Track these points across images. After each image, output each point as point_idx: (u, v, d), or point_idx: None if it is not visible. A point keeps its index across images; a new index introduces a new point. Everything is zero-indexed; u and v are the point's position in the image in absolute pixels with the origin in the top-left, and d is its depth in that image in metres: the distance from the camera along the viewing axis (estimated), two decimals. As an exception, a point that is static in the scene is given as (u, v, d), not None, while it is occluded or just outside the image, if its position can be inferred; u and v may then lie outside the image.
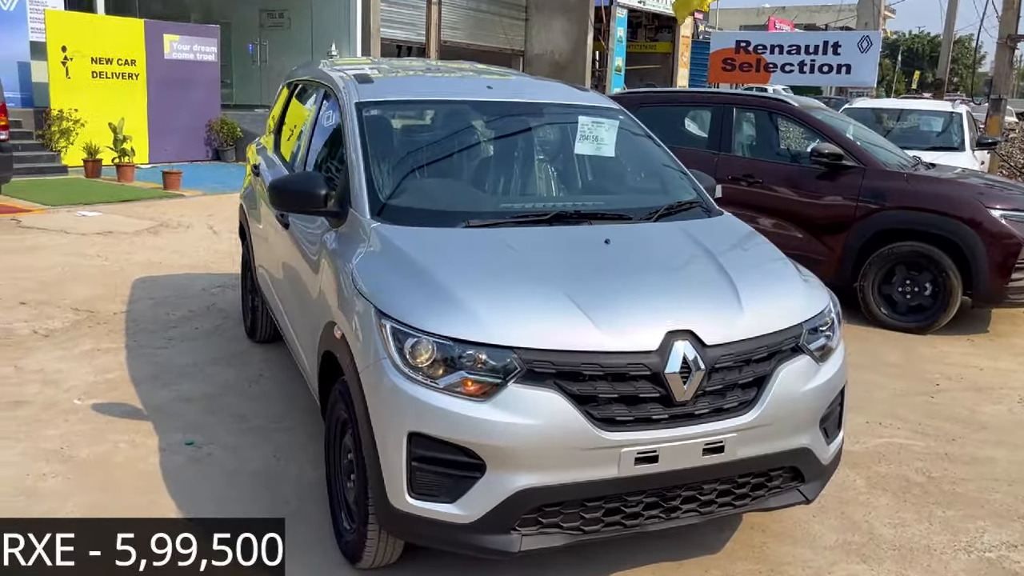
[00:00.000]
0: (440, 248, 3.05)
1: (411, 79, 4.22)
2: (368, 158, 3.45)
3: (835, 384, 3.11)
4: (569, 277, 2.90)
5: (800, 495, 3.06)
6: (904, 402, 5.02)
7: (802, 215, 6.79)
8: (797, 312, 3.03)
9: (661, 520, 2.83)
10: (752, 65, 16.02)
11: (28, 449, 3.89)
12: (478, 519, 2.62)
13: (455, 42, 25.65)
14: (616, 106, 4.21)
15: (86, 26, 13.68)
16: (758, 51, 15.97)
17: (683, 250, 3.26)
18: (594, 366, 2.63)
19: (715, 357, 2.76)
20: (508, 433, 2.58)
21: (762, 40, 16.50)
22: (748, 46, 16.14)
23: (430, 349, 2.62)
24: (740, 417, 2.82)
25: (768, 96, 7.52)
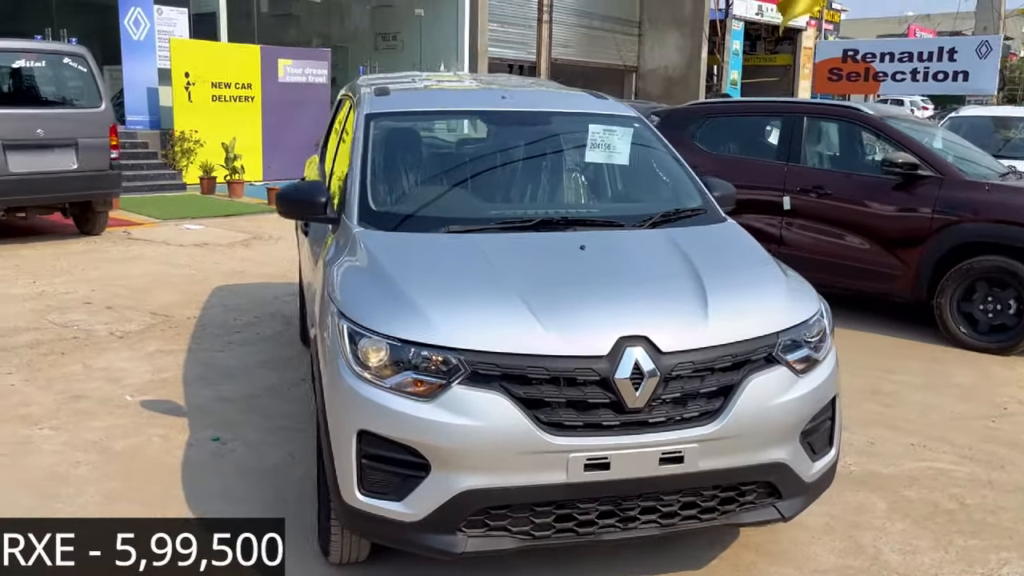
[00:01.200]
0: (412, 253, 3.13)
1: (431, 92, 4.33)
2: (366, 167, 3.57)
3: (819, 397, 2.97)
4: (531, 282, 2.91)
5: (776, 512, 2.93)
6: (960, 425, 4.71)
7: (875, 228, 6.47)
8: (772, 322, 2.91)
9: (618, 530, 2.78)
10: (860, 75, 15.33)
11: (72, 439, 4.20)
12: (423, 518, 2.66)
13: (566, 60, 25.81)
14: (633, 114, 4.17)
15: (207, 53, 14.61)
16: (867, 59, 15.27)
17: (661, 257, 3.20)
18: (540, 369, 2.63)
19: (671, 365, 2.70)
20: (450, 433, 2.61)
21: (871, 48, 15.75)
22: (856, 55, 15.46)
23: (380, 349, 2.69)
24: (702, 428, 2.74)
25: (839, 104, 7.23)
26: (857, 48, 15.82)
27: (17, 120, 8.39)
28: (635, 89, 28.68)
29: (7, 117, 8.35)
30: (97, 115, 8.94)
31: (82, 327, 6.03)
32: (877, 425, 4.66)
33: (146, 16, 14.57)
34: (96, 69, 9.02)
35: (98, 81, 8.99)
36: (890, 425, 4.67)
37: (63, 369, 5.18)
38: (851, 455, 4.25)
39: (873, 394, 5.17)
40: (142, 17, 14.53)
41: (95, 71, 8.99)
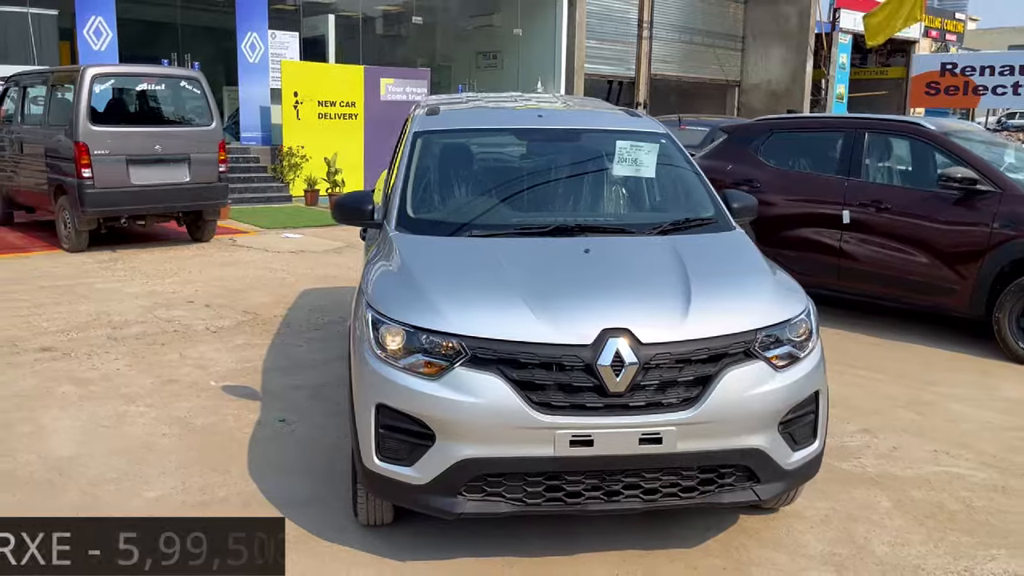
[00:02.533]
0: (435, 253, 3.57)
1: (475, 111, 4.76)
2: (408, 178, 4.05)
3: (797, 391, 3.22)
4: (533, 279, 3.29)
5: (754, 494, 3.20)
6: (991, 436, 4.78)
7: (933, 242, 6.51)
8: (751, 320, 3.19)
9: (602, 502, 3.11)
10: (959, 88, 14.90)
11: (161, 415, 4.82)
12: (429, 481, 3.07)
13: (665, 75, 25.95)
14: (661, 130, 4.49)
15: (315, 73, 15.58)
16: (966, 73, 14.83)
17: (657, 261, 3.51)
18: (531, 355, 3.00)
19: (650, 355, 3.03)
20: (452, 408, 3.01)
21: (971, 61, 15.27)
22: (955, 68, 15.03)
23: (396, 334, 3.13)
24: (680, 413, 3.05)
25: (900, 119, 7.25)
26: (956, 61, 15.39)
27: (139, 137, 9.34)
28: (737, 104, 28.49)
29: (131, 135, 9.32)
30: (208, 132, 9.82)
31: (182, 322, 6.75)
32: (905, 432, 4.79)
33: (261, 40, 15.67)
34: (208, 91, 9.92)
35: (210, 102, 9.88)
36: (918, 432, 4.79)
37: (162, 357, 5.86)
38: (870, 457, 4.43)
39: (910, 404, 5.27)
40: (258, 41, 15.64)
41: (207, 93, 9.89)
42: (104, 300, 7.37)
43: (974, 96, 14.97)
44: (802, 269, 7.25)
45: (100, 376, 5.45)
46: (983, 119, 31.12)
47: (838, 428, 4.81)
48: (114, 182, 9.09)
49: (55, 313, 6.89)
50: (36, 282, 8.04)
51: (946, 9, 39.12)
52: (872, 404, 5.25)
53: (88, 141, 8.93)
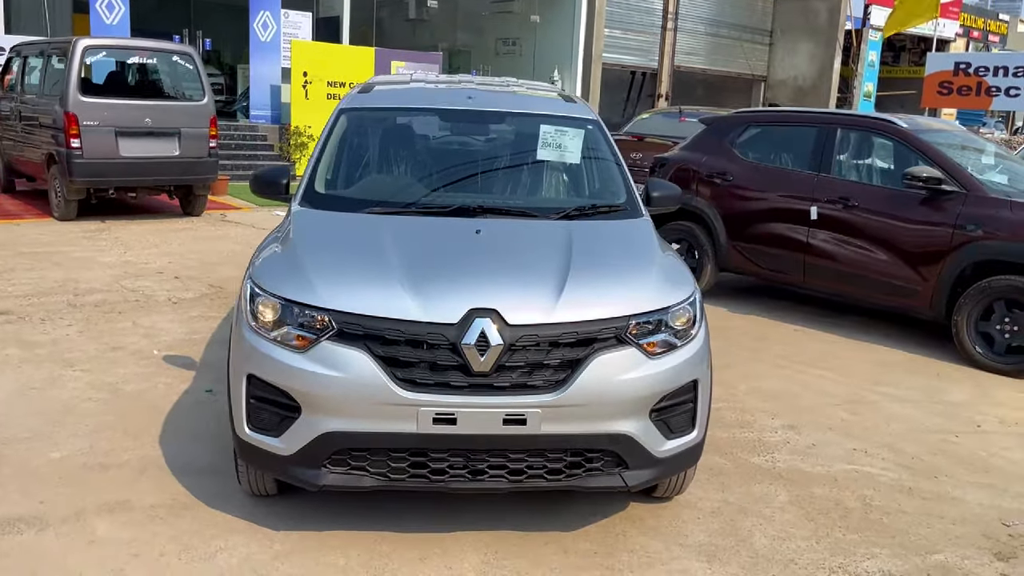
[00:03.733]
0: (327, 229, 3.60)
1: (408, 91, 4.76)
2: (322, 154, 4.08)
3: (670, 379, 3.21)
4: (413, 258, 3.30)
5: (621, 480, 3.20)
6: (918, 437, 4.71)
7: (896, 242, 6.42)
8: (625, 307, 3.17)
9: (467, 480, 3.13)
10: (972, 88, 14.56)
11: (95, 380, 4.91)
12: (294, 453, 3.11)
13: (690, 67, 25.70)
14: (590, 117, 4.46)
15: (325, 54, 15.66)
16: (979, 73, 14.49)
17: (546, 245, 3.49)
18: (397, 332, 3.02)
19: (516, 336, 3.03)
20: (317, 382, 3.04)
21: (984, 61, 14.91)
22: (968, 68, 14.69)
23: (269, 306, 3.17)
24: (545, 395, 3.05)
25: (873, 115, 7.13)
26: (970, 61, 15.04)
27: (129, 110, 9.48)
28: (763, 99, 28.15)
29: (121, 107, 9.46)
30: (199, 107, 9.94)
31: (146, 292, 6.86)
32: (831, 430, 4.74)
33: (273, 19, 15.78)
34: (201, 66, 10.03)
35: (202, 77, 9.99)
36: (844, 431, 4.73)
37: (115, 325, 5.97)
38: (784, 453, 4.39)
39: (848, 403, 5.21)
40: (270, 20, 15.75)
41: (200, 68, 10.00)
42: (76, 268, 7.50)
43: (987, 96, 14.62)
44: (770, 265, 7.23)
45: (48, 340, 5.56)
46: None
47: (762, 423, 4.79)
48: (102, 153, 9.24)
49: (24, 279, 7.04)
50: (16, 248, 8.21)
51: (990, 10, 38.20)
52: (808, 402, 5.20)
53: (77, 112, 9.08)
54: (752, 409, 5.00)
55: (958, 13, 28.41)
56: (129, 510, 3.48)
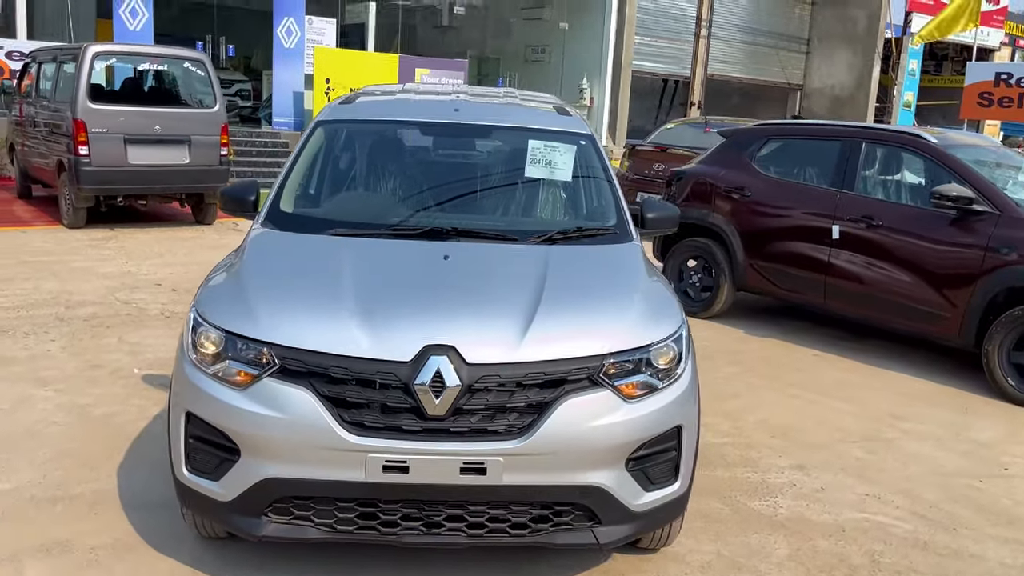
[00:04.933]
0: (282, 252, 3.34)
1: (393, 102, 4.48)
2: (292, 170, 3.82)
3: (649, 425, 2.89)
4: (370, 287, 3.02)
5: (592, 537, 2.88)
6: (938, 481, 4.33)
7: (923, 265, 6.01)
8: (600, 344, 2.86)
9: (421, 533, 2.84)
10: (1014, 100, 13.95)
11: (65, 402, 4.70)
12: (233, 499, 2.84)
13: (724, 76, 25.23)
14: (584, 131, 4.16)
15: (348, 61, 15.53)
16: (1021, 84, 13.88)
17: (519, 272, 3.19)
18: (343, 370, 2.74)
19: (475, 376, 2.74)
20: (256, 423, 2.77)
21: (1027, 72, 14.30)
22: (1010, 79, 14.08)
23: (210, 339, 2.91)
24: (508, 442, 2.75)
25: (900, 129, 6.72)
26: (1011, 72, 14.43)
27: (137, 117, 9.36)
28: (799, 108, 27.56)
29: (129, 114, 9.34)
30: (210, 115, 9.79)
31: (139, 305, 6.68)
32: (843, 472, 4.37)
33: (297, 26, 15.67)
34: (213, 73, 9.89)
35: (214, 84, 9.85)
36: (858, 473, 4.37)
37: (100, 340, 5.78)
38: (789, 498, 4.04)
39: (864, 440, 4.83)
40: (294, 27, 15.65)
41: (212, 75, 9.86)
42: (73, 279, 7.35)
43: (1028, 109, 14.01)
44: (788, 285, 6.86)
45: (27, 356, 5.38)
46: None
47: (768, 462, 4.44)
48: (111, 160, 9.12)
49: (18, 289, 6.90)
50: (19, 256, 8.09)
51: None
52: (821, 438, 4.83)
53: (86, 118, 8.97)
54: (759, 445, 4.65)
55: (1003, 21, 27.54)
56: (68, 552, 3.24)
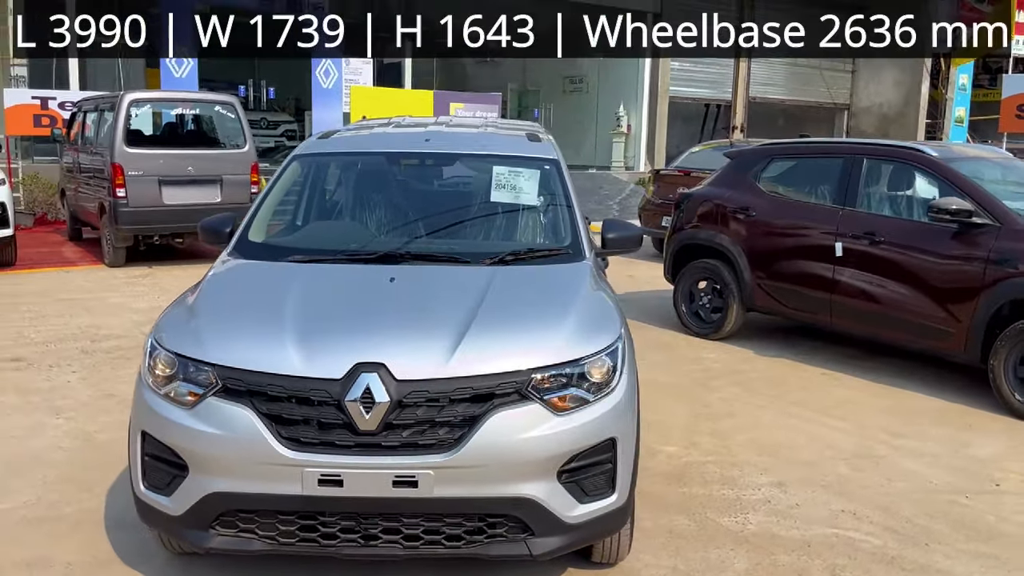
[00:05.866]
0: (237, 279, 3.55)
1: (368, 136, 4.67)
2: (263, 201, 4.03)
3: (582, 437, 2.96)
4: (312, 310, 3.18)
5: (526, 548, 2.95)
6: (920, 498, 4.26)
7: (926, 280, 5.94)
8: (528, 359, 2.95)
9: (359, 545, 2.95)
10: (1053, 111, 13.58)
11: (74, 429, 4.96)
12: (183, 513, 2.99)
13: (767, 98, 25.07)
14: (550, 156, 4.28)
15: (383, 98, 15.94)
16: (1060, 95, 13.50)
17: (459, 293, 3.30)
18: (279, 387, 2.89)
19: (404, 392, 2.86)
20: (200, 440, 2.93)
21: (1066, 82, 13.85)
22: (1049, 89, 13.71)
23: (162, 361, 3.09)
24: (438, 455, 2.86)
25: (900, 144, 6.66)
26: (1051, 82, 14.05)
27: (172, 159, 9.80)
28: (847, 128, 27.19)
29: (164, 157, 9.79)
30: (241, 155, 10.19)
31: (161, 338, 6.96)
32: (824, 488, 4.34)
33: (335, 67, 16.17)
34: (243, 115, 10.31)
35: (244, 125, 10.26)
36: (838, 490, 4.33)
37: (118, 371, 6.06)
38: (761, 514, 4.03)
39: (854, 457, 4.78)
40: (332, 68, 16.15)
41: (242, 117, 10.28)
42: (105, 314, 7.71)
43: (1068, 120, 13.57)
44: (795, 304, 6.82)
45: (48, 388, 5.67)
46: None
47: (748, 479, 4.44)
48: (147, 201, 9.55)
49: (50, 325, 7.26)
50: (58, 295, 8.51)
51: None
52: (809, 455, 4.80)
53: (123, 162, 9.43)
54: (743, 463, 4.65)
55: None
56: (47, 567, 3.44)
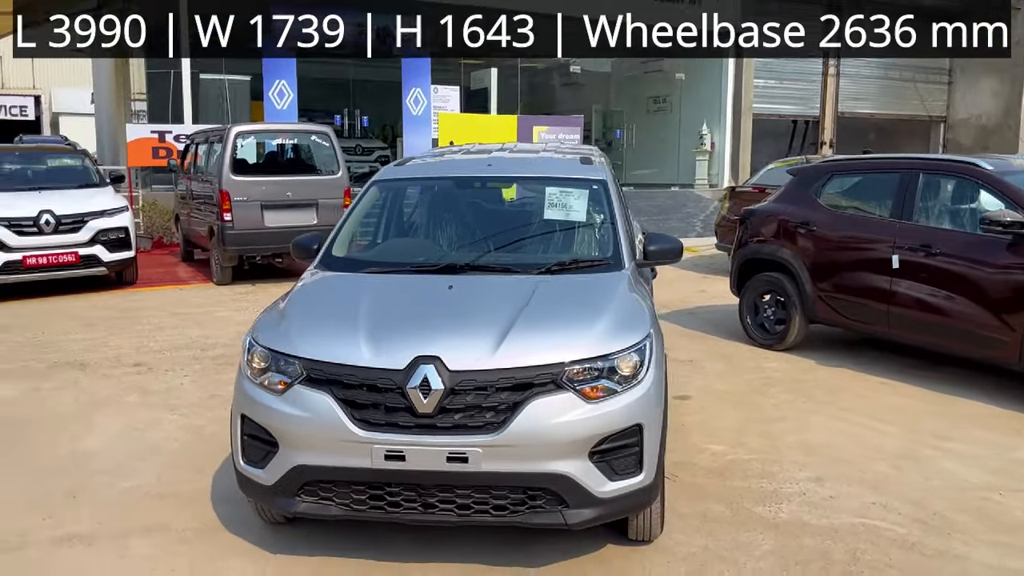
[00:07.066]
0: (323, 288, 4.10)
1: (438, 163, 5.25)
2: (347, 220, 4.63)
3: (610, 422, 3.39)
4: (381, 311, 3.73)
5: (561, 518, 3.39)
6: (954, 495, 4.48)
7: (980, 290, 6.09)
8: (563, 354, 3.41)
9: (419, 512, 3.46)
10: None
11: (186, 423, 5.65)
12: (274, 483, 3.57)
13: (856, 113, 24.74)
14: (600, 177, 4.73)
15: (469, 123, 16.66)
16: None
17: (507, 298, 3.77)
18: (352, 376, 3.43)
19: (456, 381, 3.36)
20: (289, 421, 3.50)
21: None
22: None
23: (258, 356, 3.68)
24: (485, 435, 3.35)
25: (956, 158, 6.79)
26: None
27: (272, 186, 10.66)
28: (943, 141, 26.54)
29: (265, 183, 10.67)
30: (335, 180, 10.99)
31: (261, 347, 7.68)
32: (860, 484, 4.61)
33: (424, 95, 17.00)
34: (336, 143, 11.12)
35: (337, 152, 11.07)
36: (874, 486, 4.59)
37: (221, 376, 6.77)
38: (795, 504, 4.35)
39: (897, 457, 5.02)
40: (421, 96, 16.99)
41: (335, 145, 11.09)
42: (212, 326, 8.52)
43: None
44: (854, 316, 7.04)
45: (164, 389, 6.43)
46: None
47: (787, 475, 4.74)
48: (250, 224, 10.42)
49: (167, 335, 8.10)
50: (173, 309, 9.41)
51: None
52: (852, 455, 5.06)
53: (229, 189, 10.33)
54: (785, 461, 4.95)
55: None
56: (165, 532, 4.07)
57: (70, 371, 6.90)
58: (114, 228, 10.09)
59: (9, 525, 4.15)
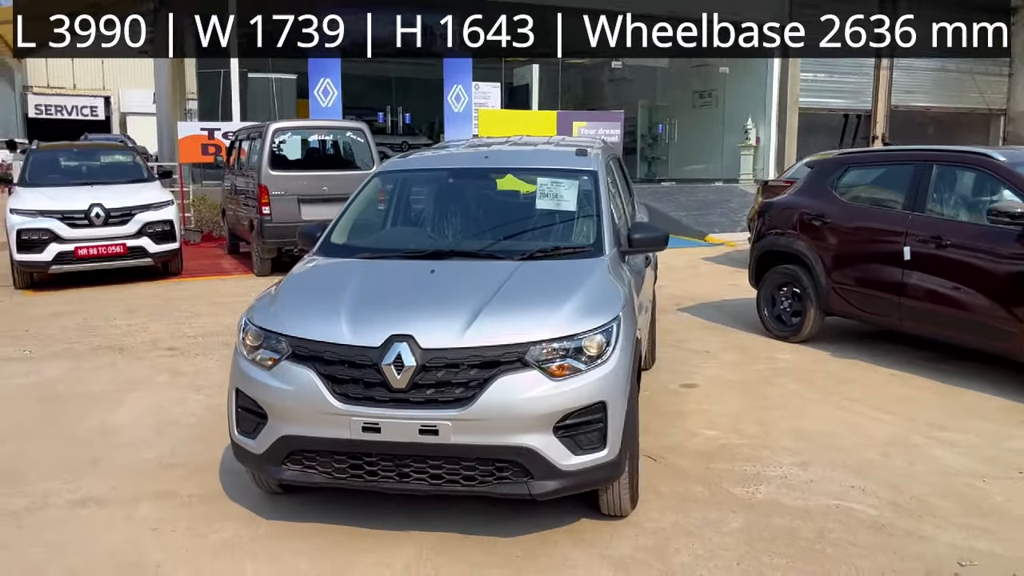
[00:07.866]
0: (315, 272, 4.37)
1: (438, 155, 5.47)
2: (347, 209, 4.87)
3: (573, 399, 3.57)
4: (363, 293, 3.97)
5: (526, 489, 3.58)
6: (936, 480, 4.53)
7: (988, 282, 6.08)
8: (528, 334, 3.60)
9: (395, 480, 3.68)
10: None
11: (207, 402, 5.97)
12: (263, 452, 3.83)
13: (910, 106, 24.24)
14: (591, 168, 4.89)
15: (508, 119, 16.85)
16: None
17: (485, 281, 3.96)
18: (332, 353, 3.67)
19: (427, 358, 3.57)
20: (276, 394, 3.76)
21: None
22: None
23: (251, 334, 3.95)
24: (454, 410, 3.55)
25: (969, 149, 6.74)
26: None
27: (309, 180, 11.03)
28: (1004, 134, 25.83)
29: (302, 178, 11.04)
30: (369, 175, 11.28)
31: (289, 334, 8.02)
32: (844, 469, 4.68)
33: (465, 92, 17.28)
34: (371, 139, 11.44)
35: (372, 148, 11.40)
36: (858, 471, 4.66)
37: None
38: (774, 486, 4.45)
39: (887, 445, 5.07)
40: (462, 93, 17.27)
41: (370, 141, 11.42)
42: (246, 314, 8.88)
43: None
44: (867, 307, 7.06)
45: (193, 371, 6.79)
46: None
47: (774, 459, 4.84)
48: (287, 217, 10.79)
49: (202, 322, 8.49)
50: (212, 298, 9.83)
51: None
52: (843, 442, 5.12)
53: (268, 184, 10.73)
54: (775, 447, 5.04)
55: None
56: (172, 498, 4.38)
57: (109, 354, 7.32)
58: (160, 221, 10.56)
59: (35, 487, 4.50)
